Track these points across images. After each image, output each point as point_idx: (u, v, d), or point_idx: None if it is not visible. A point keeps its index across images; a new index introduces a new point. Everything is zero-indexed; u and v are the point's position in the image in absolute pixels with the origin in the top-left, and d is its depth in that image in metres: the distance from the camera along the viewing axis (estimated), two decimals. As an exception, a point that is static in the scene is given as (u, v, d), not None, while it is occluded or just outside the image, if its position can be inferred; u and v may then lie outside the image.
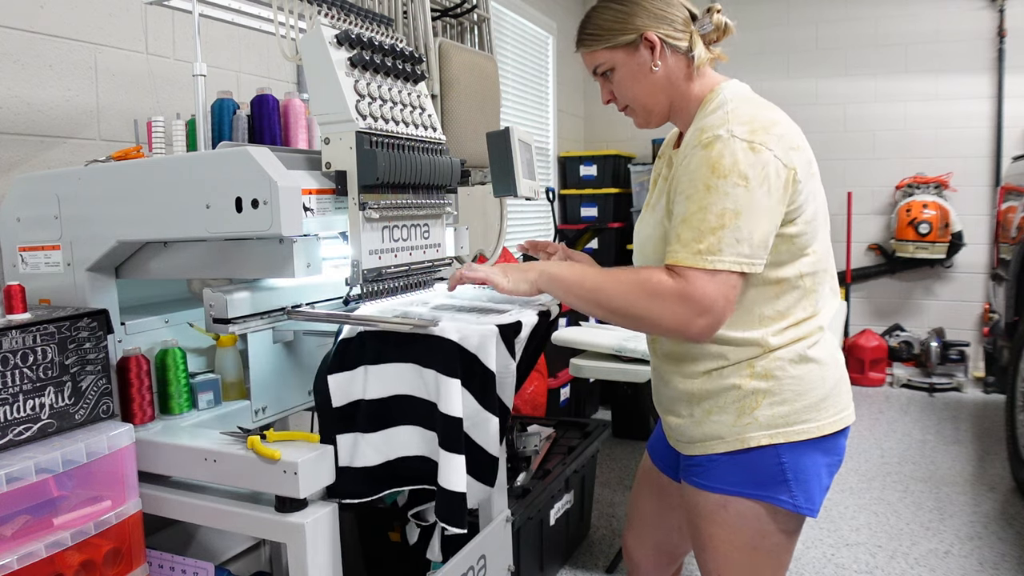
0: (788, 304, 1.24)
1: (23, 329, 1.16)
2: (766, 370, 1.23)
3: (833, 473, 1.30)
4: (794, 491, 1.24)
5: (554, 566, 2.55)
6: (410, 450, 1.26)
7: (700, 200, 1.14)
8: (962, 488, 3.27)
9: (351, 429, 1.24)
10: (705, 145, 1.16)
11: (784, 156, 1.16)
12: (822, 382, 1.25)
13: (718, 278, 1.13)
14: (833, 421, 1.26)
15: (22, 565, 1.08)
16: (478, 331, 1.20)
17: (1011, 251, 3.44)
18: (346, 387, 1.24)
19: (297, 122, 1.71)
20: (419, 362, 1.22)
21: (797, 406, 1.24)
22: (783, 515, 1.26)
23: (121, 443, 1.24)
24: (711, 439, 1.27)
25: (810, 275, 1.24)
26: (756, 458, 1.24)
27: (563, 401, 3.87)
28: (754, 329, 1.23)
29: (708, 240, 1.13)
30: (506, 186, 1.55)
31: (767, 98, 1.29)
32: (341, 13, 1.37)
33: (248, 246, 1.27)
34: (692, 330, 1.15)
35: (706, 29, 1.28)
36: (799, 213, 1.20)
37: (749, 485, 1.25)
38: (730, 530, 1.27)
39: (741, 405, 1.24)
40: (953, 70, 4.97)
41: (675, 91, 1.30)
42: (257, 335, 1.40)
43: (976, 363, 5.03)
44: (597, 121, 5.79)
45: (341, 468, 1.24)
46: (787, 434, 1.23)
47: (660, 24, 1.27)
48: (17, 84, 1.73)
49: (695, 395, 1.29)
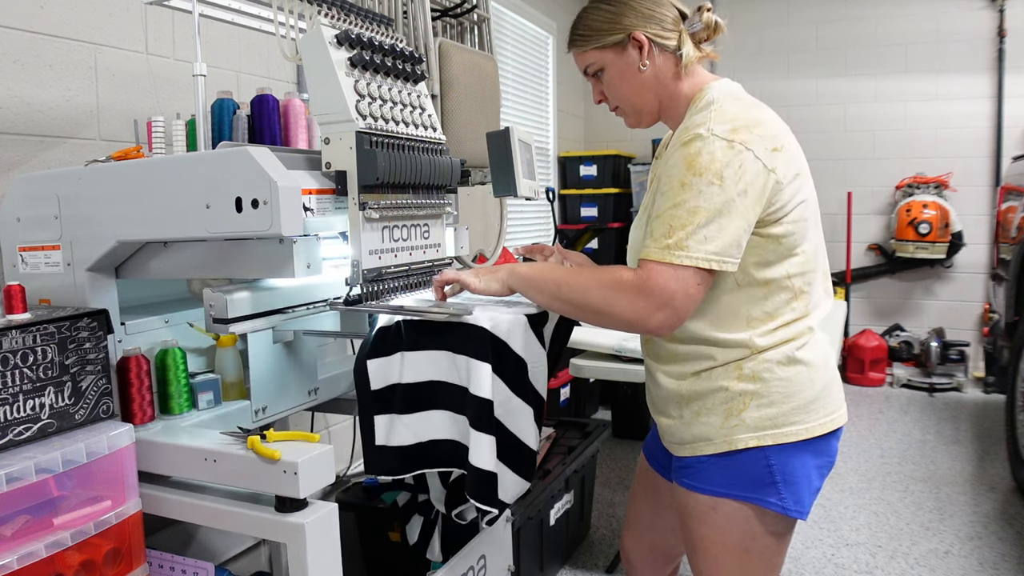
0: (776, 305, 1.24)
1: (23, 329, 1.16)
2: (754, 372, 1.24)
3: (824, 475, 1.30)
4: (783, 493, 1.24)
5: (554, 566, 2.55)
6: (441, 433, 1.32)
7: (674, 197, 1.15)
8: (962, 488, 3.27)
9: (387, 411, 1.31)
10: (685, 143, 1.17)
11: (765, 156, 1.16)
12: (810, 384, 1.25)
13: (681, 273, 1.14)
14: (823, 423, 1.26)
15: (22, 565, 1.07)
16: (508, 319, 1.29)
17: (1011, 251, 3.44)
18: (384, 371, 1.31)
19: (297, 122, 1.71)
20: (453, 349, 1.28)
21: (785, 408, 1.24)
22: (772, 517, 1.26)
23: (121, 443, 1.24)
24: (700, 440, 1.28)
25: (799, 276, 1.24)
26: (744, 460, 1.25)
27: (563, 401, 3.87)
28: (742, 330, 1.23)
29: (676, 235, 1.14)
30: (506, 186, 1.55)
31: (766, 99, 1.29)
32: (341, 13, 1.37)
33: (248, 246, 1.27)
34: (650, 323, 1.16)
35: (695, 28, 1.28)
36: (783, 214, 1.19)
37: (737, 487, 1.25)
38: (719, 531, 1.27)
39: (729, 407, 1.25)
40: (953, 70, 4.96)
41: (664, 90, 1.31)
42: (257, 335, 1.40)
43: (976, 363, 5.03)
44: (597, 121, 5.79)
45: (377, 447, 1.31)
46: (775, 436, 1.23)
47: (649, 23, 1.27)
48: (17, 84, 1.72)
49: (684, 396, 1.29)
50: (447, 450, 1.32)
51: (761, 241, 1.20)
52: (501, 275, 1.31)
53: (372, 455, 1.31)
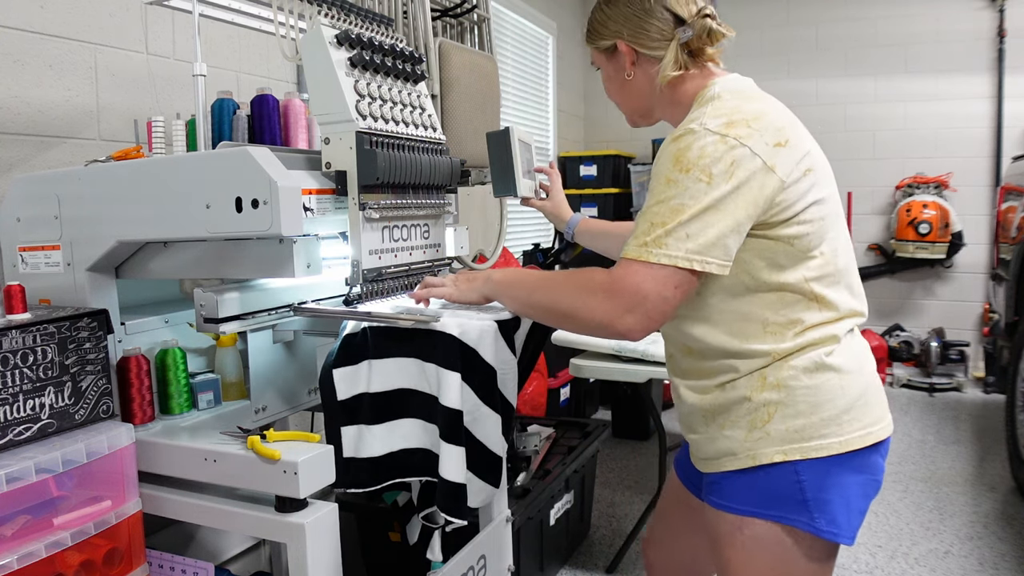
0: (796, 310, 1.15)
1: (23, 329, 1.16)
2: (778, 380, 1.14)
3: (870, 494, 1.18)
4: (813, 512, 1.13)
5: (554, 566, 2.55)
6: (412, 442, 1.29)
7: (659, 194, 1.09)
8: (962, 488, 3.27)
9: (355, 421, 1.27)
10: (675, 138, 1.11)
11: (764, 152, 1.08)
12: (842, 392, 1.14)
13: (657, 273, 1.06)
14: (860, 435, 1.15)
15: (22, 565, 1.07)
16: (477, 326, 1.24)
17: (1011, 251, 3.44)
18: (351, 381, 1.26)
19: (297, 122, 1.71)
20: (421, 356, 1.24)
21: (814, 419, 1.13)
22: (807, 540, 1.15)
23: (121, 443, 1.24)
24: (724, 456, 1.20)
25: (817, 279, 1.14)
26: (771, 476, 1.15)
27: (563, 401, 3.86)
28: (761, 338, 1.15)
29: (656, 233, 1.06)
30: (506, 186, 1.55)
31: None
32: (341, 13, 1.37)
33: (248, 246, 1.27)
34: (620, 326, 1.08)
35: (686, 37, 1.20)
36: (791, 214, 1.11)
37: (764, 505, 1.15)
38: (748, 554, 1.17)
39: (752, 418, 1.16)
40: (953, 70, 4.96)
41: (656, 97, 1.26)
42: (257, 335, 1.40)
43: (976, 363, 5.03)
44: (597, 121, 5.79)
45: (346, 459, 1.26)
46: (804, 450, 1.13)
47: (636, 35, 1.22)
48: (17, 84, 1.72)
49: (708, 410, 1.21)
50: (420, 459, 1.28)
51: (770, 243, 1.12)
52: (477, 284, 1.28)
53: (340, 468, 1.24)
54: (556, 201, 1.69)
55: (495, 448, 1.30)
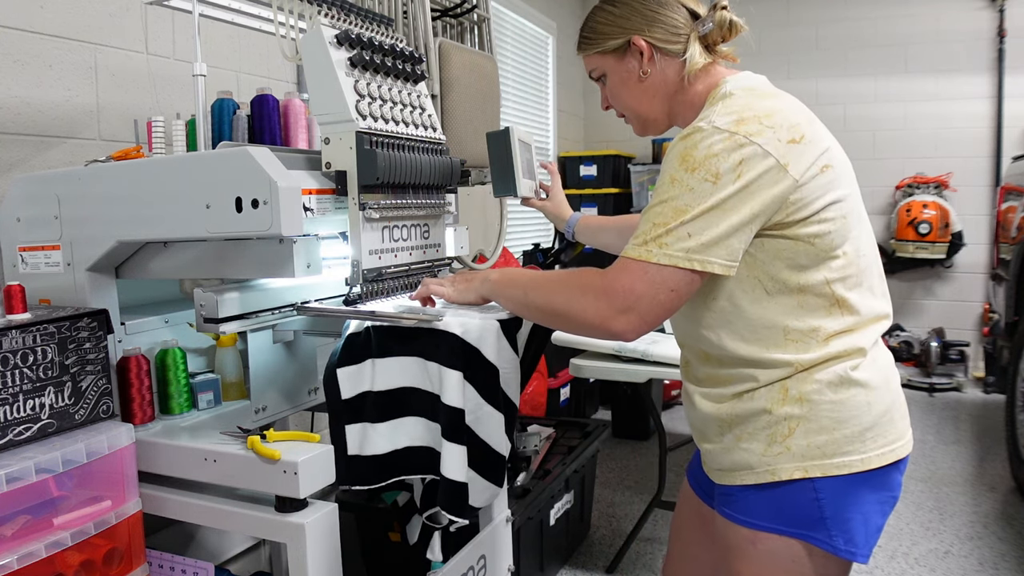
0: (817, 316, 1.10)
1: (23, 329, 1.16)
2: (801, 394, 1.10)
3: (886, 512, 1.15)
4: (831, 531, 1.09)
5: (554, 566, 2.55)
6: (415, 440, 1.29)
7: (662, 193, 1.06)
8: (962, 488, 3.27)
9: (360, 419, 1.28)
10: (683, 137, 1.07)
11: (776, 150, 1.04)
12: (867, 409, 1.10)
13: (654, 274, 1.03)
14: (881, 453, 1.11)
15: (22, 565, 1.08)
16: (479, 325, 1.25)
17: (1011, 251, 3.44)
18: (355, 379, 1.27)
19: (297, 122, 1.71)
20: (423, 355, 1.25)
21: (837, 436, 1.09)
22: (821, 557, 1.11)
23: (121, 443, 1.24)
24: (740, 469, 1.15)
25: (840, 281, 1.10)
26: (789, 492, 1.11)
27: (563, 401, 3.86)
28: (782, 347, 1.11)
29: (657, 232, 1.04)
30: (506, 186, 1.55)
31: None
32: (341, 13, 1.37)
33: (248, 246, 1.27)
34: (613, 327, 1.06)
35: (706, 30, 1.18)
36: (809, 212, 1.07)
37: (780, 520, 1.12)
38: (759, 568, 1.14)
39: (772, 432, 1.11)
40: (953, 70, 4.96)
41: (673, 97, 1.22)
42: (257, 335, 1.40)
43: (976, 363, 5.03)
44: (597, 121, 5.79)
45: (350, 457, 1.27)
46: (824, 467, 1.09)
47: (652, 28, 1.19)
48: (17, 84, 1.72)
49: (724, 420, 1.17)
50: (424, 457, 1.29)
51: (790, 243, 1.07)
52: (475, 284, 1.27)
53: (344, 466, 1.25)
54: (556, 201, 1.69)
55: (498, 447, 1.30)
